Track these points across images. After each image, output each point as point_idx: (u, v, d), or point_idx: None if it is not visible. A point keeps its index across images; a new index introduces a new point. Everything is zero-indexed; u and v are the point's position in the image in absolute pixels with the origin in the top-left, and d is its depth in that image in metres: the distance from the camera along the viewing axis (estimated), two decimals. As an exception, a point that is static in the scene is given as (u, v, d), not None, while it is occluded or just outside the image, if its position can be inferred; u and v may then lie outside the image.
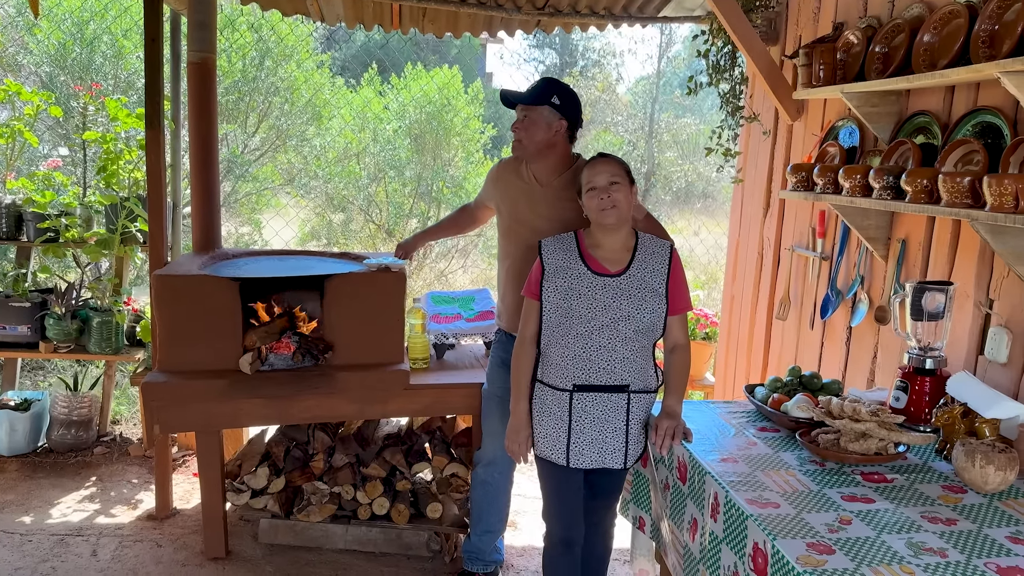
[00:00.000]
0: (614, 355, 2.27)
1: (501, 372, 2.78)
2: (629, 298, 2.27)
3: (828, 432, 2.13)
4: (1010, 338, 2.22)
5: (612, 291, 2.27)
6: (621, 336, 2.26)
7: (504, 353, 2.75)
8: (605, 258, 2.31)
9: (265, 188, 6.50)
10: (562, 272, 2.30)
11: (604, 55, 17.59)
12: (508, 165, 2.82)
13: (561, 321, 2.29)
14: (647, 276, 2.30)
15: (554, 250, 2.34)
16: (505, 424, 2.68)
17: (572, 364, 2.29)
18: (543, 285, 2.32)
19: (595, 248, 2.33)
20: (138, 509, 3.45)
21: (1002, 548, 1.62)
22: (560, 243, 2.36)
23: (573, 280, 2.29)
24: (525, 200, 2.70)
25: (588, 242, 2.35)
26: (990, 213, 1.97)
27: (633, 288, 2.28)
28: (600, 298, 2.26)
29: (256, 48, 6.05)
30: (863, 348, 2.88)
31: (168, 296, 2.89)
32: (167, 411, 2.83)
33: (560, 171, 2.68)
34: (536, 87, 2.65)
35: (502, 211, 2.80)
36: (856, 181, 2.55)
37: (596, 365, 2.27)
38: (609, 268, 2.30)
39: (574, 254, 2.33)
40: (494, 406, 2.85)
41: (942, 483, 1.96)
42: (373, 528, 3.15)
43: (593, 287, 2.27)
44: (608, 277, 2.28)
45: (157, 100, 3.16)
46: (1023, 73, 1.97)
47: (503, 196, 2.79)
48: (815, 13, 3.25)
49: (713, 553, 1.95)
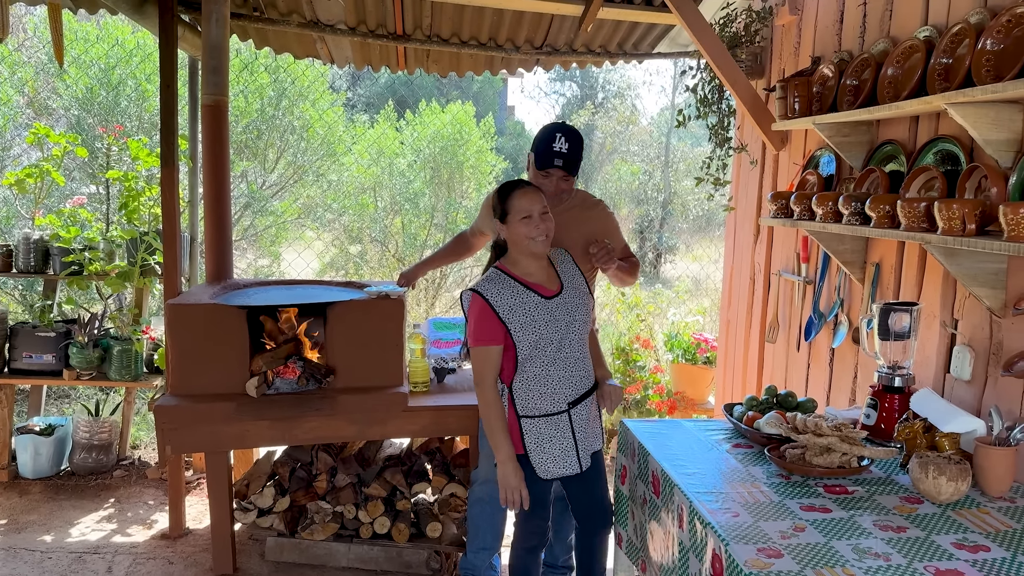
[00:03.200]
0: (584, 359, 2.51)
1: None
2: (577, 307, 2.47)
3: (795, 447, 2.22)
4: (972, 356, 2.30)
5: (564, 307, 2.44)
6: (583, 340, 2.49)
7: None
8: (542, 281, 2.44)
9: (283, 221, 6.74)
10: (518, 308, 2.35)
11: (623, 88, 17.89)
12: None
13: (534, 353, 2.37)
14: (575, 281, 2.53)
15: (496, 291, 2.36)
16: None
17: (561, 386, 2.43)
18: (508, 327, 2.35)
19: (529, 276, 2.42)
20: (152, 529, 3.60)
21: (945, 553, 1.71)
22: (496, 283, 2.38)
23: (532, 311, 2.36)
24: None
25: (518, 272, 2.42)
26: (942, 236, 2.08)
27: (575, 297, 2.48)
28: (560, 317, 2.41)
29: (273, 88, 6.33)
30: (844, 368, 2.97)
31: (180, 324, 3.07)
32: (178, 432, 2.99)
33: (564, 198, 2.83)
34: (579, 155, 2.73)
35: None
36: (828, 208, 2.67)
37: (578, 375, 2.48)
38: (551, 288, 2.45)
39: (519, 288, 2.39)
40: None
41: (901, 494, 2.04)
42: (375, 547, 3.27)
43: (551, 310, 2.40)
44: (555, 297, 2.43)
45: (172, 141, 3.38)
46: (967, 105, 2.09)
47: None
48: (796, 48, 3.39)
49: (683, 562, 2.05)
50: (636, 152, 15.37)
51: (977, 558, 1.69)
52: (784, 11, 3.41)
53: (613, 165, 15.05)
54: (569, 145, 2.69)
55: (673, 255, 12.87)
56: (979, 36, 2.15)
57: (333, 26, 4.07)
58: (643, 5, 3.80)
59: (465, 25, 4.10)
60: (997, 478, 2.02)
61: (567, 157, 2.70)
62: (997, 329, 2.22)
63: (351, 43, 4.28)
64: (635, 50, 4.43)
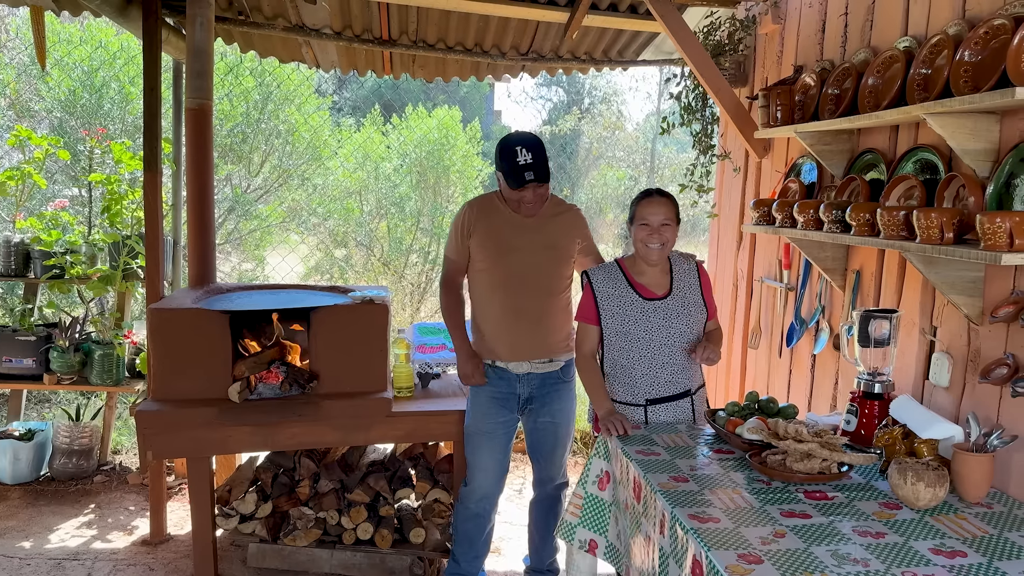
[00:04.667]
0: (675, 367, 2.63)
1: (490, 407, 2.89)
2: (678, 316, 2.62)
3: (776, 453, 2.24)
4: (951, 363, 2.33)
5: (663, 313, 2.61)
6: (679, 350, 2.62)
7: (492, 387, 2.89)
8: (650, 283, 2.63)
9: (268, 225, 6.71)
10: (614, 299, 2.61)
11: (609, 93, 17.97)
12: (482, 205, 2.91)
13: (623, 344, 2.61)
14: (687, 293, 2.66)
15: (602, 280, 2.65)
16: (495, 459, 2.85)
17: (641, 382, 2.62)
18: (600, 312, 2.62)
19: (640, 276, 2.64)
20: (133, 535, 3.57)
21: (923, 559, 1.73)
22: (606, 272, 2.67)
23: (627, 307, 2.61)
24: (512, 230, 2.84)
25: (633, 271, 2.66)
26: (920, 244, 2.11)
27: (679, 307, 2.63)
28: (654, 320, 2.59)
29: (259, 92, 6.31)
30: (825, 375, 2.99)
31: (162, 328, 3.05)
32: (159, 438, 2.97)
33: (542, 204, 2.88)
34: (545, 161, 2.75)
35: (487, 246, 2.85)
36: (809, 215, 2.69)
37: (662, 379, 2.62)
38: (656, 292, 2.63)
39: (622, 283, 2.64)
40: (483, 442, 2.92)
41: (880, 500, 2.06)
42: (358, 553, 3.26)
43: (646, 311, 2.60)
44: (657, 300, 2.61)
45: (155, 145, 3.36)
46: (945, 115, 2.12)
47: (487, 232, 2.86)
48: (779, 56, 3.42)
49: (663, 568, 2.06)
50: (622, 158, 15.45)
51: (954, 563, 1.71)
52: (767, 20, 3.44)
53: (599, 170, 15.11)
54: (532, 155, 2.72)
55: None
56: (957, 47, 2.18)
57: (319, 30, 4.07)
58: (628, 13, 3.82)
59: (451, 31, 4.11)
60: (974, 484, 2.04)
61: (535, 167, 2.71)
62: (975, 336, 2.24)
63: (337, 47, 4.28)
64: (620, 57, 4.45)
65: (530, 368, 2.88)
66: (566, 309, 2.94)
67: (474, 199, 2.97)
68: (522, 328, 2.84)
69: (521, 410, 2.94)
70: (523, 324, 2.84)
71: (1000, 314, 2.06)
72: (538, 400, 2.92)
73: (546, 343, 2.88)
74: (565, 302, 2.94)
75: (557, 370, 2.92)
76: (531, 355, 2.86)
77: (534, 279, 2.84)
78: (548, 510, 3.08)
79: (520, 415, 2.96)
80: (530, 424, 2.98)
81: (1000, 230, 1.87)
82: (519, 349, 2.85)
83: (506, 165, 2.73)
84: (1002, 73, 1.98)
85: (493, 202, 2.92)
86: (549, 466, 3.02)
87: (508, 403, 2.90)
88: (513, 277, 2.83)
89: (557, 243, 2.87)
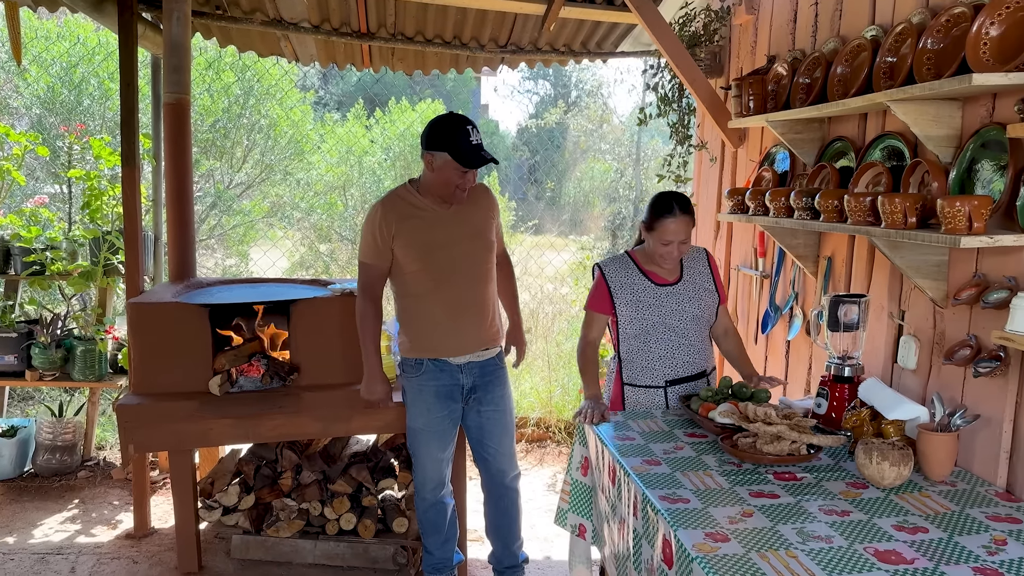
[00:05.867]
0: (692, 348, 2.73)
1: (435, 402, 2.81)
2: (690, 300, 2.71)
3: (747, 436, 2.28)
4: (918, 346, 2.38)
5: (676, 297, 2.71)
6: (694, 331, 2.72)
7: (435, 382, 2.80)
8: (661, 271, 2.73)
9: (251, 221, 6.71)
10: (628, 288, 2.70)
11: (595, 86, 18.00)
12: (394, 205, 2.72)
13: (639, 331, 2.70)
14: (698, 278, 2.75)
15: (614, 270, 2.74)
16: (445, 450, 2.86)
17: (660, 364, 2.72)
18: (614, 301, 2.71)
19: (650, 265, 2.74)
20: (117, 529, 3.59)
21: (885, 535, 1.77)
22: (618, 263, 2.76)
23: (640, 293, 2.70)
24: (434, 226, 2.71)
25: (641, 260, 2.76)
26: (885, 229, 2.15)
27: (691, 291, 2.72)
28: (667, 304, 2.70)
29: (239, 86, 6.30)
30: (799, 359, 3.04)
31: (142, 323, 3.06)
32: (141, 431, 2.98)
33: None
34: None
35: (413, 245, 2.70)
36: (780, 203, 2.73)
37: (680, 360, 2.72)
38: (667, 279, 2.73)
39: (634, 271, 2.74)
40: (432, 438, 2.85)
41: (847, 480, 2.11)
42: (341, 543, 3.29)
43: (659, 296, 2.70)
44: (668, 286, 2.71)
45: (133, 140, 3.36)
46: (908, 102, 2.16)
47: (411, 232, 2.70)
48: (752, 47, 3.46)
49: (636, 548, 2.10)
50: (607, 150, 15.49)
51: (915, 539, 1.75)
52: (741, 11, 3.48)
53: (586, 163, 15.14)
54: (479, 136, 2.63)
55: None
56: (921, 35, 2.22)
57: (297, 24, 4.07)
58: (604, 5, 3.85)
59: (429, 23, 4.13)
60: (938, 463, 2.09)
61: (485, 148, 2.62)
62: (940, 319, 2.29)
63: (315, 41, 4.28)
64: (599, 49, 4.48)
65: (471, 357, 2.82)
66: (495, 295, 2.89)
67: (383, 199, 2.76)
68: (467, 321, 2.76)
69: (465, 400, 2.86)
70: (467, 317, 2.76)
71: (963, 296, 2.11)
72: (481, 389, 2.85)
73: (488, 332, 2.82)
74: (494, 289, 2.88)
75: (494, 356, 2.88)
76: (475, 347, 2.79)
77: (469, 271, 2.76)
78: (511, 504, 3.01)
79: (464, 405, 2.88)
80: (474, 418, 2.90)
81: (960, 214, 1.92)
82: (464, 343, 2.78)
83: (458, 145, 2.56)
84: (962, 60, 2.02)
85: (404, 199, 2.73)
86: (500, 458, 2.94)
87: (453, 395, 2.82)
88: (450, 272, 2.72)
89: (479, 231, 2.77)
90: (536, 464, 4.66)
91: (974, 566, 1.63)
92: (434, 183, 2.67)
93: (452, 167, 2.60)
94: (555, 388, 5.24)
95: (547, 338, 5.98)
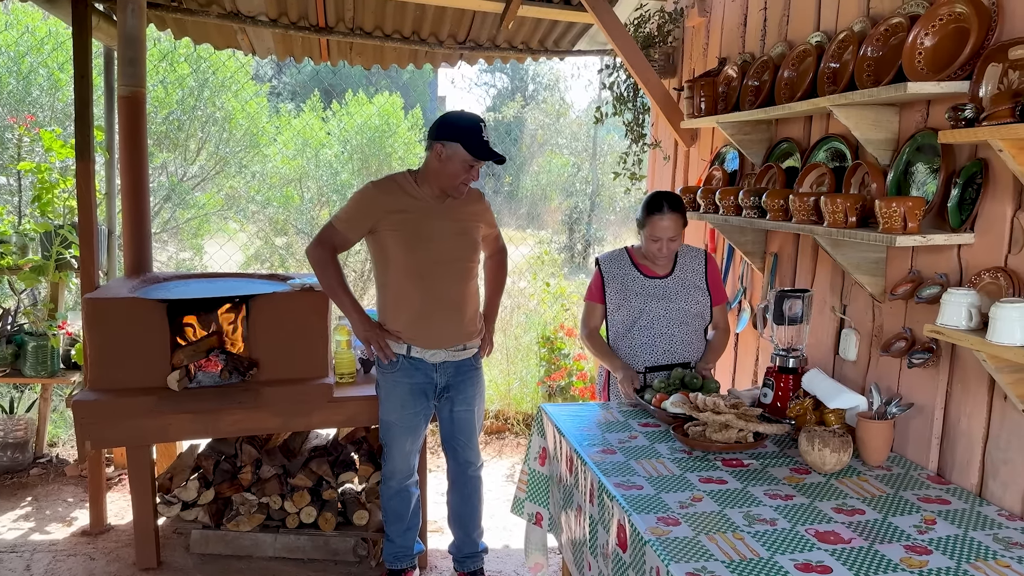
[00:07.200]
0: (674, 340, 2.84)
1: (408, 398, 2.85)
2: (678, 294, 2.84)
3: (697, 425, 2.38)
4: (858, 339, 2.51)
5: (663, 290, 2.84)
6: (677, 323, 2.84)
7: (409, 380, 2.84)
8: (653, 266, 2.87)
9: (206, 214, 6.63)
10: (619, 278, 2.88)
11: (552, 81, 18.10)
12: (389, 190, 2.76)
13: (624, 319, 2.86)
14: (689, 275, 2.87)
15: (610, 263, 2.92)
16: (415, 444, 2.91)
17: (641, 351, 2.85)
18: (605, 291, 2.89)
19: (644, 260, 2.88)
20: (73, 526, 3.55)
21: (825, 517, 1.88)
22: (614, 257, 2.93)
23: (629, 283, 2.86)
24: (425, 217, 2.74)
25: (638, 255, 2.90)
26: (827, 228, 2.26)
27: (679, 286, 2.85)
28: (653, 295, 2.83)
29: (194, 78, 6.22)
30: (747, 352, 3.16)
31: (98, 318, 3.04)
32: (97, 427, 2.96)
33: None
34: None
35: (402, 231, 2.73)
36: (730, 202, 2.84)
37: (661, 349, 2.84)
38: (658, 272, 2.86)
39: (628, 264, 2.90)
40: (403, 432, 2.90)
41: (791, 466, 2.22)
42: (301, 536, 3.31)
43: (646, 287, 2.84)
44: (658, 279, 2.85)
45: (87, 133, 3.33)
46: (850, 107, 2.27)
47: (403, 219, 2.72)
48: (704, 49, 3.56)
49: (593, 534, 2.18)
50: (565, 144, 15.60)
51: (853, 520, 1.87)
52: (694, 13, 3.58)
53: (544, 157, 15.23)
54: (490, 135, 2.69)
55: (601, 246, 13.14)
56: (861, 43, 2.33)
57: (254, 17, 4.05)
58: (561, 4, 3.91)
59: (388, 19, 4.14)
60: (876, 449, 2.21)
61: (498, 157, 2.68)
62: (879, 313, 2.42)
63: (272, 35, 4.26)
64: (556, 47, 4.55)
65: (446, 356, 2.85)
66: (476, 295, 2.93)
67: (379, 181, 2.81)
68: (443, 316, 2.80)
69: (438, 398, 2.92)
70: (444, 312, 2.80)
71: (899, 292, 2.23)
72: (454, 388, 2.91)
73: (464, 330, 2.86)
74: (476, 288, 2.93)
75: (470, 357, 2.92)
76: (450, 343, 2.83)
77: (452, 267, 2.78)
78: (473, 492, 3.09)
79: (436, 403, 2.94)
80: (446, 414, 2.97)
81: (895, 214, 2.03)
82: (440, 337, 2.81)
83: (471, 138, 2.62)
84: (899, 68, 2.14)
85: (401, 186, 2.76)
86: (469, 451, 3.03)
87: (427, 392, 2.87)
88: (432, 265, 2.75)
89: (467, 229, 2.82)
90: (495, 455, 4.73)
91: (906, 544, 1.75)
92: (439, 174, 2.70)
93: (461, 158, 2.65)
94: (514, 381, 5.31)
95: (506, 331, 6.05)
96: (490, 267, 3.11)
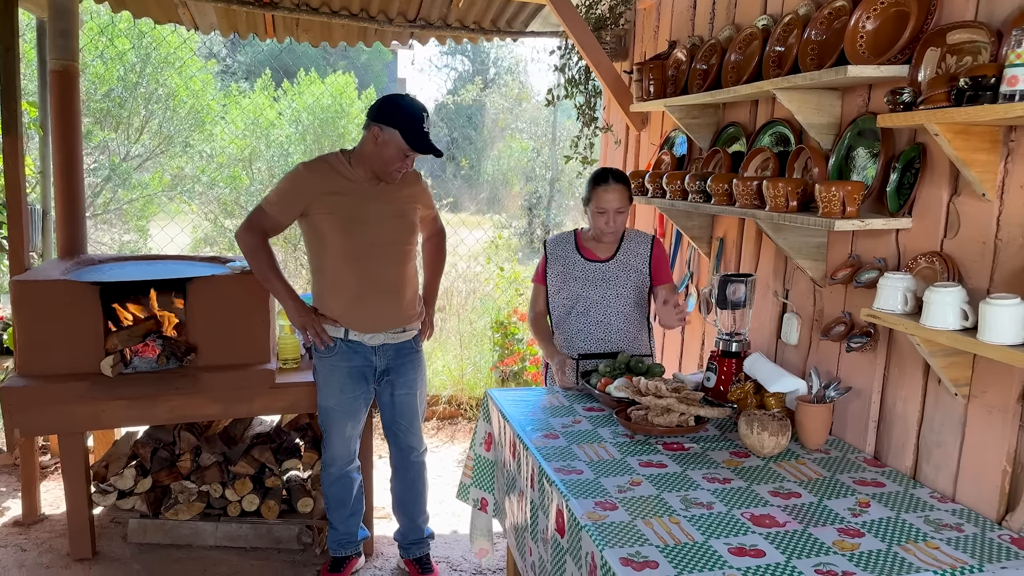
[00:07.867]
0: (610, 328, 2.80)
1: (347, 382, 2.80)
2: (617, 279, 2.79)
3: (640, 409, 2.37)
4: (799, 322, 2.52)
5: (602, 274, 2.79)
6: (615, 311, 2.79)
7: (347, 363, 2.79)
8: (596, 249, 2.83)
9: (150, 195, 6.44)
10: (561, 260, 2.85)
11: (512, 64, 17.99)
12: (323, 172, 2.68)
13: (563, 302, 2.83)
14: (632, 260, 2.81)
15: (555, 244, 2.89)
16: (355, 429, 2.86)
17: (576, 337, 2.82)
18: (547, 272, 2.88)
19: (588, 243, 2.84)
20: (4, 516, 3.43)
21: (761, 500, 1.89)
22: (560, 238, 2.90)
23: (569, 266, 2.82)
24: (360, 200, 2.68)
25: (585, 238, 2.86)
26: (768, 212, 2.26)
27: (619, 271, 2.79)
28: (592, 279, 2.79)
29: (136, 54, 6.01)
30: (694, 336, 3.17)
31: (27, 301, 2.92)
32: (27, 414, 2.85)
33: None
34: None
35: (337, 214, 2.66)
36: (676, 186, 2.83)
37: (595, 336, 2.80)
38: (600, 256, 2.81)
39: (571, 246, 2.86)
40: (343, 417, 2.86)
41: (731, 450, 2.23)
42: (243, 524, 3.24)
43: (586, 271, 2.80)
44: (599, 263, 2.80)
45: (14, 108, 3.18)
46: (792, 90, 2.27)
47: (338, 201, 2.66)
48: (655, 31, 3.54)
49: (533, 519, 2.16)
50: (525, 129, 15.54)
51: (789, 503, 1.87)
52: (645, -5, 3.55)
53: (504, 141, 15.16)
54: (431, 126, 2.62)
55: (560, 231, 13.17)
56: (806, 27, 2.33)
57: (195, -9, 3.91)
58: (513, -17, 3.85)
59: (335, -5, 4.04)
60: (814, 432, 2.23)
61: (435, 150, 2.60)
62: (819, 298, 2.43)
63: (215, 9, 4.12)
64: (509, 27, 4.48)
65: (385, 339, 2.80)
66: (415, 277, 2.88)
67: (310, 163, 2.71)
68: (381, 299, 2.75)
69: (378, 381, 2.88)
70: (382, 295, 2.75)
71: (839, 276, 2.24)
72: (394, 371, 2.87)
73: (403, 313, 2.81)
74: (414, 270, 2.88)
75: (410, 339, 2.89)
76: (389, 326, 2.79)
77: (389, 249, 2.73)
78: (417, 478, 3.05)
79: (376, 387, 2.90)
80: (387, 399, 2.92)
81: (835, 199, 2.04)
82: (378, 321, 2.77)
83: (411, 126, 2.55)
84: (841, 52, 2.14)
85: (334, 167, 2.69)
86: (411, 437, 2.99)
87: (366, 375, 2.83)
88: (369, 248, 2.69)
89: (404, 211, 2.76)
90: (447, 441, 4.70)
91: (839, 527, 1.76)
92: (373, 157, 2.62)
93: (397, 146, 2.57)
94: (467, 366, 5.28)
95: (460, 316, 6.01)
96: (428, 249, 3.06)
